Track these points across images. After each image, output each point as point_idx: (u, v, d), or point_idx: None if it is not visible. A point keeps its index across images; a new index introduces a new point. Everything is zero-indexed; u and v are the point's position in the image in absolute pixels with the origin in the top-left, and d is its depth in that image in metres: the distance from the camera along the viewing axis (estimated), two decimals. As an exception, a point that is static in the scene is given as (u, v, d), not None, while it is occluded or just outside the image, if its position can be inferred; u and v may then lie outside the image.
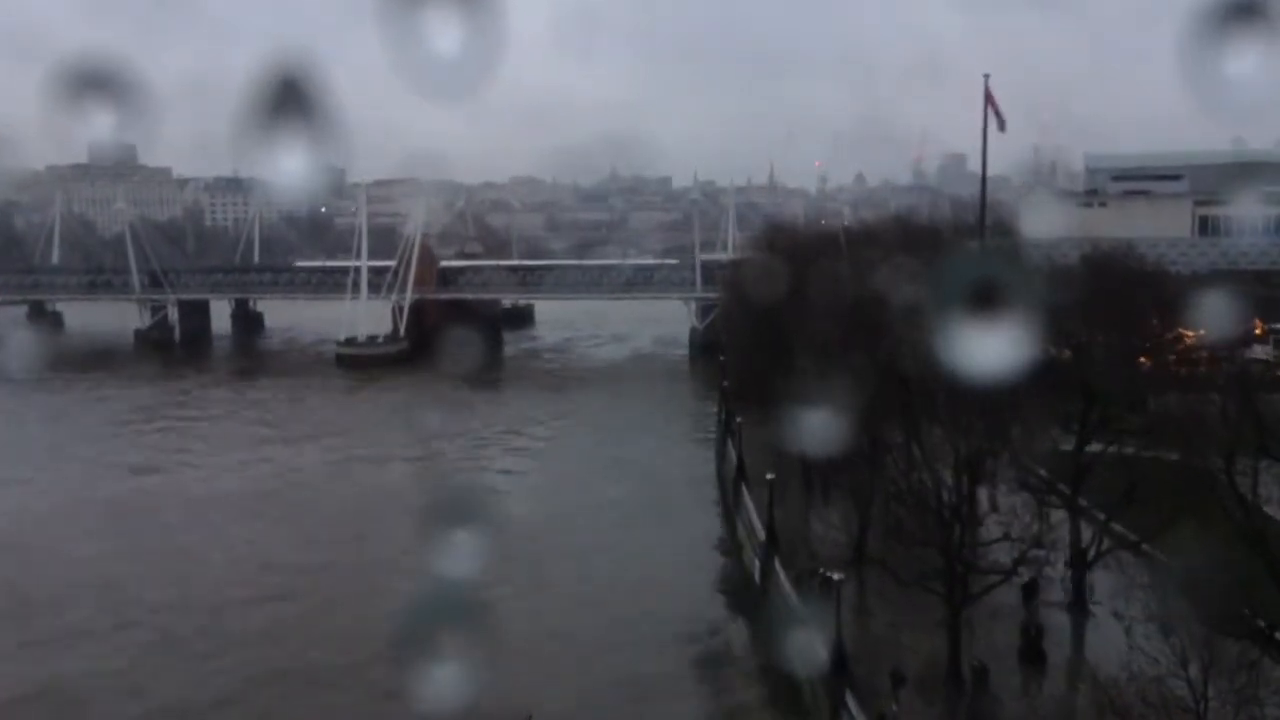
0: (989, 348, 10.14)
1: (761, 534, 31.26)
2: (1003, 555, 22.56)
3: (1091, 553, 25.46)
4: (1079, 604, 26.03)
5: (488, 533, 15.35)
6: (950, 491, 21.01)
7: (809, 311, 38.02)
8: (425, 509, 29.97)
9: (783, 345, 37.63)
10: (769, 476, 30.19)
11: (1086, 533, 26.21)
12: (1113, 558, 25.71)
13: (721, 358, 53.20)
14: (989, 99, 47.90)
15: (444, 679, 12.00)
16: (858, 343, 31.90)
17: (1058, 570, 24.45)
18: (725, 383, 47.84)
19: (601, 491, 44.66)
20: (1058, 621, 25.55)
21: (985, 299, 10.21)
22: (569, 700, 26.13)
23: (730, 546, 36.81)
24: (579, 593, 33.22)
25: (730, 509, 38.85)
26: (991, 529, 21.73)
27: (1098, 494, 27.12)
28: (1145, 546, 25.25)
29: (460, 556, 14.70)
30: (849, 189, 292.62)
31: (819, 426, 35.65)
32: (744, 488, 36.88)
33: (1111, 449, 27.84)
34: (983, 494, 23.16)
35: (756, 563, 30.57)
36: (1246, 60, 7.37)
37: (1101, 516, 26.04)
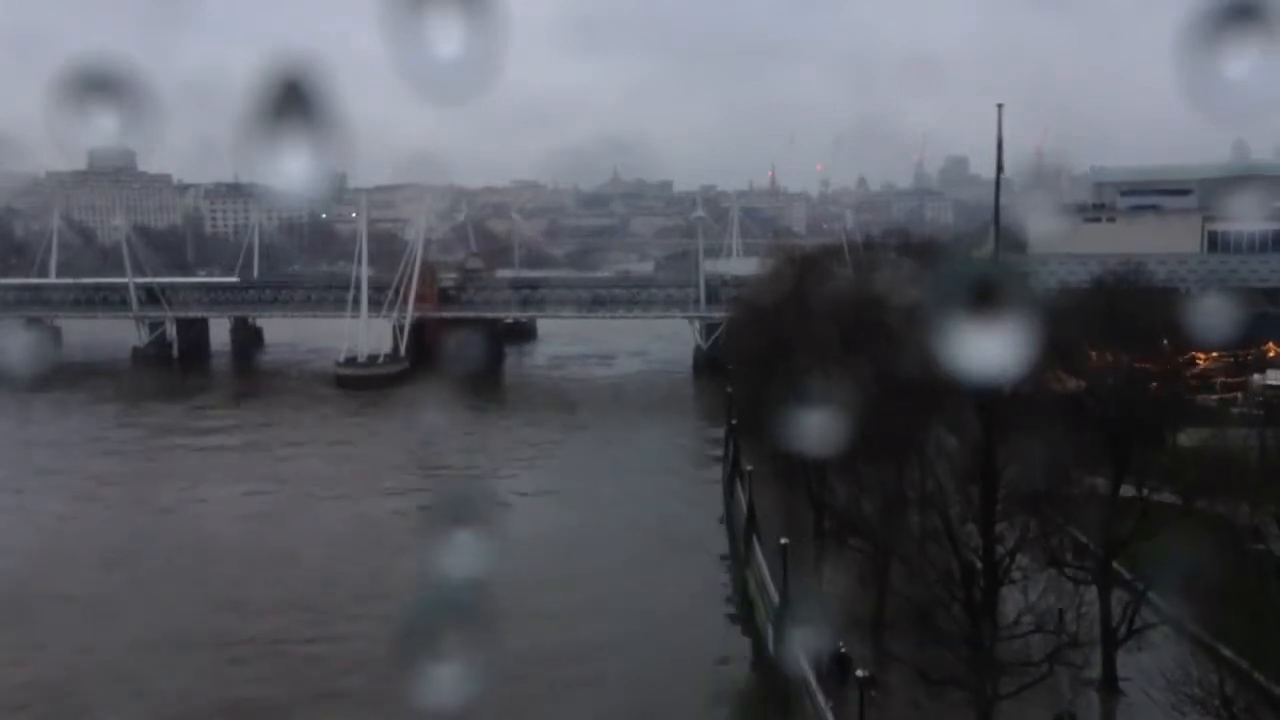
0: (1004, 381, 10.02)
1: (775, 594, 30.17)
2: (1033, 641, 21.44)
3: (1123, 630, 24.33)
4: (1109, 683, 24.93)
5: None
6: (980, 588, 19.88)
7: (819, 346, 37.05)
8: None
9: (791, 381, 36.53)
10: (783, 541, 29.08)
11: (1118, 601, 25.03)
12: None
13: (729, 389, 52.08)
14: (1000, 146, 46.82)
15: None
16: (871, 382, 31.01)
17: (1094, 669, 23.28)
18: (733, 420, 46.75)
19: (605, 530, 43.81)
20: (1087, 702, 24.41)
21: (998, 330, 10.12)
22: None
23: (740, 602, 35.73)
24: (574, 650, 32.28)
25: (740, 559, 37.74)
26: (1023, 618, 20.56)
27: (1130, 551, 25.88)
28: (1187, 624, 24.14)
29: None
30: (852, 192, 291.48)
31: (830, 468, 34.75)
32: (755, 540, 35.79)
33: (1134, 492, 26.64)
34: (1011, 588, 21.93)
35: (770, 629, 29.43)
36: (1246, 62, 7.29)
37: (1140, 586, 24.72)
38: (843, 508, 28.93)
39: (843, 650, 25.08)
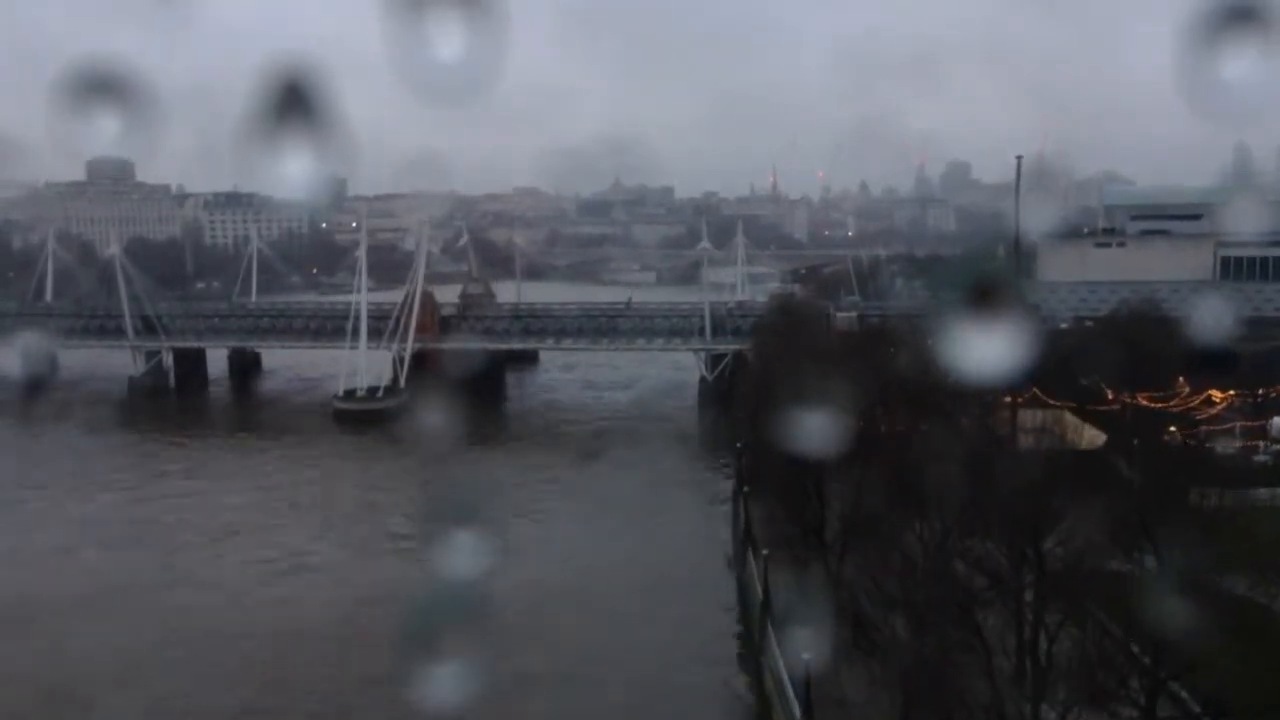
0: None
1: (796, 704, 28.81)
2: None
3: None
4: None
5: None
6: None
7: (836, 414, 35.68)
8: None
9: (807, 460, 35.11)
10: (805, 656, 27.70)
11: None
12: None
13: (739, 444, 50.69)
14: (1018, 190, 46.08)
15: None
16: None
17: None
18: (744, 487, 45.33)
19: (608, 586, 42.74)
20: None
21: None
22: None
23: (756, 695, 34.41)
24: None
25: (755, 646, 36.35)
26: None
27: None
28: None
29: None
30: (853, 197, 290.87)
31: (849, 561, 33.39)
32: (770, 626, 34.38)
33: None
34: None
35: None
36: (1247, 63, 7.28)
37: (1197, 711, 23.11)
38: (868, 620, 27.56)
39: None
